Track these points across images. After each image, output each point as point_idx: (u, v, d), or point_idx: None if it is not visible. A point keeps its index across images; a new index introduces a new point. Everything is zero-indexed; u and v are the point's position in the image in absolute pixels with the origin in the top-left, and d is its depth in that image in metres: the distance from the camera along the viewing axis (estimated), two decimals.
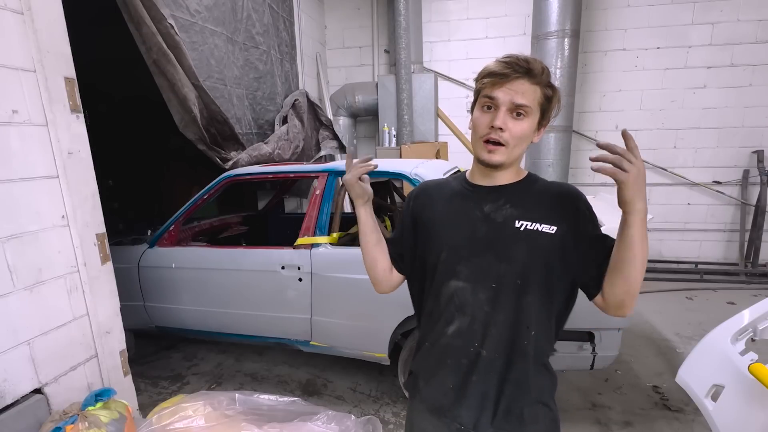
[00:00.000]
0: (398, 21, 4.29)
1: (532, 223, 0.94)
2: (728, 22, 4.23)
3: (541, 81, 0.91)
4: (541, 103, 0.93)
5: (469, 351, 0.98)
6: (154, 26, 2.31)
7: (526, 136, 0.93)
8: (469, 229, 0.99)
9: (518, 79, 0.89)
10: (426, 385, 1.07)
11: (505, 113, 0.90)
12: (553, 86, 0.94)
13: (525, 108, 0.90)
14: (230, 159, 3.00)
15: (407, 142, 4.58)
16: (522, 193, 0.99)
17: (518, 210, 0.96)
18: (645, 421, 2.27)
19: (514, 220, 0.95)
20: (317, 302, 2.32)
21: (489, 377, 0.98)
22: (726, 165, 4.54)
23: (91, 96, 2.63)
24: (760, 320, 1.50)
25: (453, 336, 1.00)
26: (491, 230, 0.97)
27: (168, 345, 3.21)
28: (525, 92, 0.90)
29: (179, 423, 1.69)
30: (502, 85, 0.90)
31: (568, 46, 3.99)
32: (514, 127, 0.91)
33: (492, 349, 0.97)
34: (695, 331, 3.25)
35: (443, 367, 1.02)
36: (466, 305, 0.98)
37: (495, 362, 0.97)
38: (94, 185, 1.79)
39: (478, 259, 0.97)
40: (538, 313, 0.96)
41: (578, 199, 0.98)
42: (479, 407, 0.99)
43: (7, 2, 1.46)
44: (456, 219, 1.02)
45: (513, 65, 0.89)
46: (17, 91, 1.50)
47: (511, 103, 0.90)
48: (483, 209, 0.99)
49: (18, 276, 1.51)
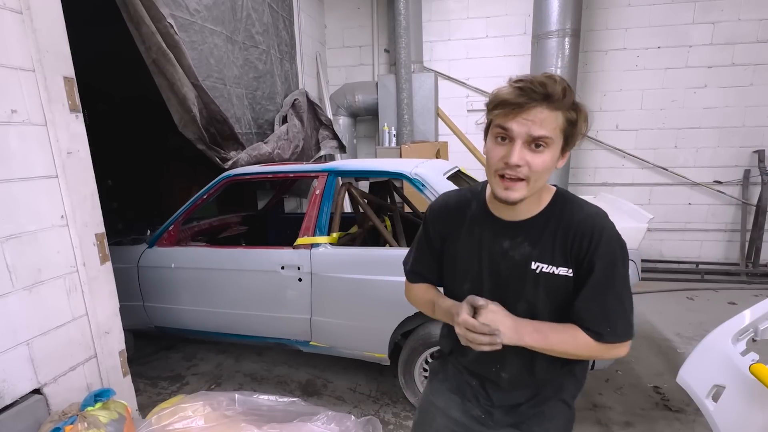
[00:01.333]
0: (398, 20, 4.28)
1: (548, 265, 0.90)
2: (729, 22, 4.22)
3: (563, 105, 0.80)
4: (564, 129, 0.82)
5: (491, 371, 1.03)
6: (154, 26, 2.31)
7: (548, 168, 0.82)
8: (490, 264, 0.96)
9: (535, 108, 0.78)
10: (456, 372, 1.12)
11: (522, 147, 0.80)
12: (577, 107, 0.83)
13: (545, 139, 0.80)
14: (230, 159, 3.00)
15: (407, 141, 4.57)
16: (541, 229, 0.91)
17: (536, 250, 0.91)
18: (646, 421, 2.26)
19: (531, 261, 0.91)
20: (317, 302, 2.31)
21: (511, 393, 1.04)
22: (727, 165, 4.53)
23: (90, 96, 2.63)
24: (761, 320, 1.49)
25: (473, 362, 1.06)
26: (509, 268, 0.94)
27: (167, 345, 3.21)
28: (544, 121, 0.79)
29: (179, 423, 1.69)
30: (516, 116, 0.79)
31: (569, 46, 3.99)
32: (533, 161, 0.81)
33: (515, 373, 1.01)
34: (696, 332, 3.25)
35: (472, 373, 1.09)
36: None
37: (516, 387, 1.03)
38: (94, 185, 1.79)
39: (499, 293, 0.95)
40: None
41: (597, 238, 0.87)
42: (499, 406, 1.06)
43: (6, 2, 1.45)
44: (478, 252, 0.98)
45: (528, 92, 0.78)
46: (16, 91, 1.49)
47: (528, 135, 0.79)
48: (503, 245, 0.94)
49: (17, 276, 1.50)
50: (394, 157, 4.44)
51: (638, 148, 4.66)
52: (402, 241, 2.70)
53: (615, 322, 0.88)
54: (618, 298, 0.88)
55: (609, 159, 4.78)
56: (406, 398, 2.35)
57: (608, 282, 0.87)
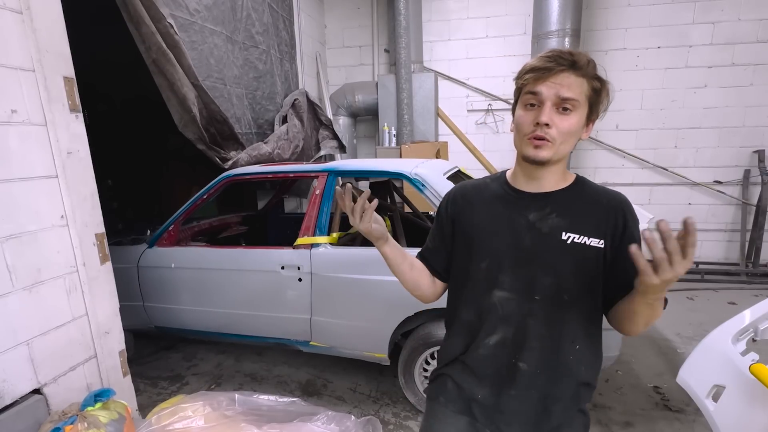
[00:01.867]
0: (398, 20, 4.28)
1: (580, 236, 0.89)
2: (729, 22, 4.22)
3: (588, 73, 0.85)
4: (589, 96, 0.87)
5: (511, 362, 0.95)
6: (154, 26, 2.31)
7: (574, 131, 0.87)
8: (513, 237, 0.93)
9: (563, 72, 0.84)
10: (458, 389, 1.03)
11: (551, 108, 0.84)
12: (601, 78, 0.88)
13: (572, 101, 0.84)
14: (230, 159, 3.00)
15: (407, 141, 4.57)
16: (570, 202, 0.93)
17: (565, 220, 0.91)
18: (646, 421, 2.26)
19: (561, 232, 0.90)
20: (317, 302, 2.31)
21: (528, 394, 0.94)
22: (727, 165, 4.53)
23: (90, 96, 2.63)
24: (761, 320, 1.49)
25: (495, 346, 0.96)
26: (537, 241, 0.91)
27: (167, 345, 3.21)
28: (571, 85, 0.84)
29: (179, 423, 1.69)
30: (546, 80, 0.84)
31: (569, 46, 3.98)
32: (561, 123, 0.85)
33: (533, 363, 0.93)
34: (696, 332, 3.25)
35: (482, 378, 0.99)
36: (511, 316, 0.94)
37: (536, 378, 0.94)
38: (94, 185, 1.78)
39: (523, 270, 0.92)
40: (585, 327, 0.94)
41: (628, 212, 0.92)
42: (512, 423, 0.96)
43: (6, 1, 1.45)
44: (499, 226, 0.96)
45: (556, 59, 0.84)
46: (16, 91, 1.49)
47: (557, 96, 0.84)
48: (528, 217, 0.93)
49: (17, 276, 1.50)
50: (394, 157, 4.44)
51: (638, 148, 4.66)
52: (402, 241, 2.69)
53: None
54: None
55: (609, 159, 4.78)
56: (406, 398, 2.35)
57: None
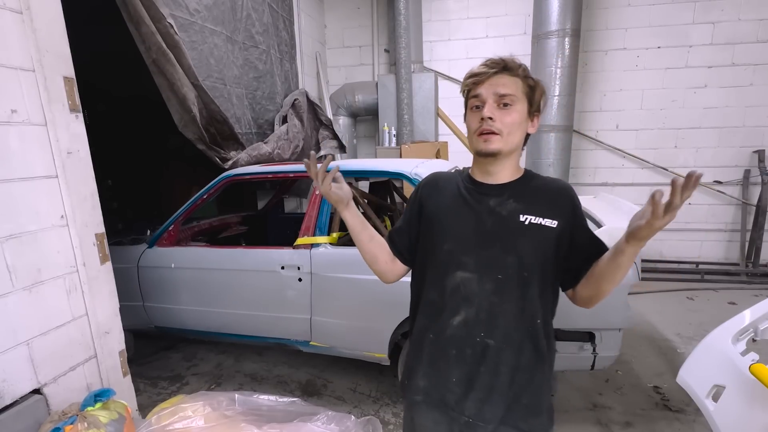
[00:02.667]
0: (398, 20, 4.28)
1: (536, 217, 0.98)
2: (729, 22, 4.22)
3: (520, 73, 0.97)
4: (526, 92, 0.98)
5: (475, 341, 1.00)
6: (154, 26, 2.31)
7: (517, 123, 0.97)
8: (475, 221, 1.01)
9: (497, 74, 0.96)
10: (427, 380, 1.06)
11: (492, 105, 0.96)
12: (534, 79, 0.99)
13: (509, 97, 0.95)
14: (230, 159, 3.00)
15: (407, 141, 4.57)
16: (524, 189, 1.02)
17: (521, 204, 1.00)
18: (646, 421, 2.26)
19: (519, 214, 0.99)
20: (317, 302, 2.31)
21: (498, 369, 1.00)
22: (727, 165, 4.53)
23: (90, 95, 2.63)
24: (761, 320, 1.49)
25: (458, 327, 1.02)
26: (497, 223, 1.00)
27: (167, 345, 3.21)
28: (506, 83, 0.96)
29: (179, 423, 1.69)
30: (484, 82, 0.97)
31: (569, 46, 3.99)
32: (504, 117, 0.96)
33: (500, 339, 1.00)
34: (696, 332, 3.25)
35: (447, 360, 1.03)
36: (473, 295, 1.00)
37: (503, 353, 1.00)
38: (94, 185, 1.78)
39: (485, 252, 1.00)
40: (542, 303, 1.01)
41: (574, 196, 1.03)
42: (486, 399, 1.01)
43: (6, 1, 1.45)
44: (462, 211, 1.04)
45: (490, 64, 0.97)
46: (16, 91, 1.49)
47: (495, 94, 0.95)
48: (488, 203, 1.02)
49: (17, 276, 1.50)
50: (394, 157, 4.44)
51: (638, 148, 4.67)
52: None
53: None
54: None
55: (609, 159, 4.78)
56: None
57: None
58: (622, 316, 1.93)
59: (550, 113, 4.12)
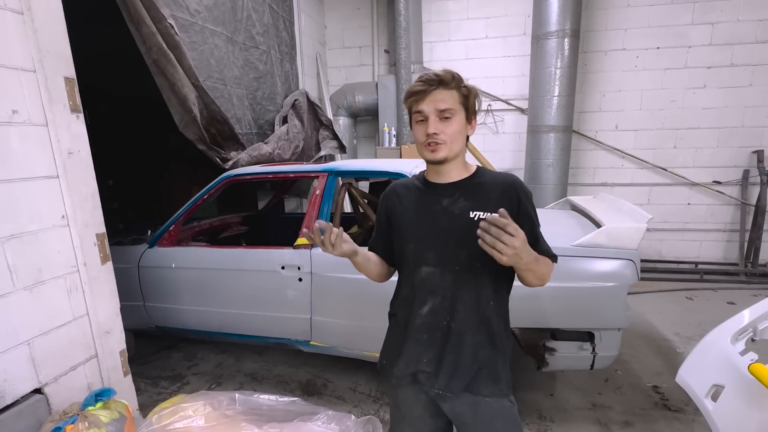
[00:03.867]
0: (398, 21, 4.29)
1: (484, 212, 1.08)
2: (728, 22, 4.23)
3: (454, 85, 1.07)
4: (461, 101, 1.08)
5: (442, 325, 1.15)
6: (154, 26, 2.31)
7: (458, 131, 1.09)
8: (432, 221, 1.15)
9: (435, 90, 1.06)
10: (404, 363, 1.20)
11: (435, 120, 1.07)
12: (467, 86, 1.09)
13: (449, 111, 1.06)
14: (230, 159, 3.00)
15: (407, 142, 4.57)
16: (473, 187, 1.14)
17: (471, 202, 1.11)
18: (645, 421, 2.27)
19: (469, 211, 1.10)
20: (317, 302, 2.32)
21: (461, 348, 1.15)
22: (726, 165, 4.54)
23: (91, 96, 2.64)
24: (760, 320, 1.49)
25: (427, 315, 1.16)
26: (450, 221, 1.12)
27: (168, 345, 3.21)
28: (444, 98, 1.06)
29: (179, 423, 1.70)
30: (424, 99, 1.07)
31: (568, 46, 3.99)
32: (446, 129, 1.07)
33: (460, 321, 1.14)
34: (695, 331, 3.26)
35: (419, 344, 1.18)
36: (437, 287, 1.15)
37: (465, 334, 1.14)
38: (94, 185, 1.79)
39: (443, 247, 1.13)
40: (495, 288, 1.14)
41: (520, 190, 1.12)
42: (453, 375, 1.15)
43: (6, 2, 1.45)
44: (421, 214, 1.17)
45: (427, 81, 1.06)
46: (17, 91, 1.50)
47: (436, 110, 1.06)
48: (442, 204, 1.14)
49: (18, 276, 1.51)
50: (394, 157, 4.45)
51: (637, 149, 4.67)
52: None
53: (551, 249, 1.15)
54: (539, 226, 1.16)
55: (608, 159, 4.78)
56: None
57: (537, 222, 1.14)
58: (621, 315, 1.94)
59: (550, 113, 4.13)
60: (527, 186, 1.17)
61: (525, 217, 1.10)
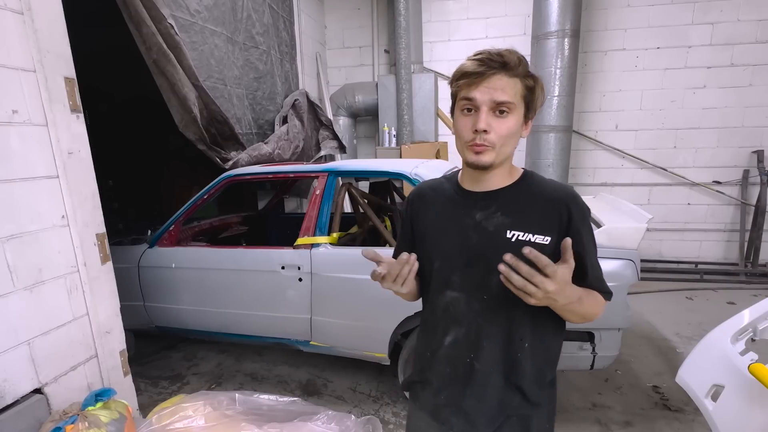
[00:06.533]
0: (398, 21, 4.29)
1: (524, 233, 0.89)
2: (728, 22, 4.23)
3: (519, 72, 0.85)
4: (524, 95, 0.87)
5: (465, 361, 0.96)
6: (154, 26, 2.31)
7: (513, 133, 0.87)
8: (461, 237, 0.94)
9: (495, 75, 0.83)
10: (424, 392, 1.06)
11: (488, 113, 0.84)
12: (533, 75, 0.87)
13: (507, 104, 0.84)
14: (230, 159, 3.00)
15: (407, 142, 4.58)
16: (515, 199, 0.93)
17: (510, 218, 0.90)
18: (645, 421, 2.27)
19: (506, 230, 0.90)
20: (317, 302, 2.32)
21: (485, 392, 0.95)
22: (726, 165, 4.54)
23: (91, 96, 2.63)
24: (760, 320, 1.50)
25: (449, 346, 0.98)
26: (482, 240, 0.92)
27: (168, 345, 3.21)
28: (505, 87, 0.84)
29: (179, 423, 1.70)
30: (479, 84, 0.84)
31: (568, 46, 3.99)
32: (499, 127, 0.85)
33: (485, 362, 0.94)
34: (695, 331, 3.26)
35: (441, 377, 1.01)
36: (462, 316, 0.95)
37: (490, 377, 0.95)
38: (94, 185, 1.79)
39: (470, 270, 0.93)
40: (533, 326, 0.93)
41: (572, 206, 0.91)
42: (474, 422, 0.97)
43: (7, 2, 1.46)
44: (448, 227, 0.97)
45: (487, 62, 0.83)
46: (17, 91, 1.50)
47: (492, 101, 0.84)
48: (474, 217, 0.93)
49: (18, 276, 1.51)
50: (394, 157, 4.44)
51: (637, 149, 4.67)
52: None
53: (605, 281, 0.96)
54: (598, 262, 0.95)
55: (608, 159, 4.78)
56: (406, 398, 2.36)
57: (593, 248, 0.93)
58: (621, 315, 1.94)
59: (550, 113, 4.12)
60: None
61: (582, 246, 0.89)
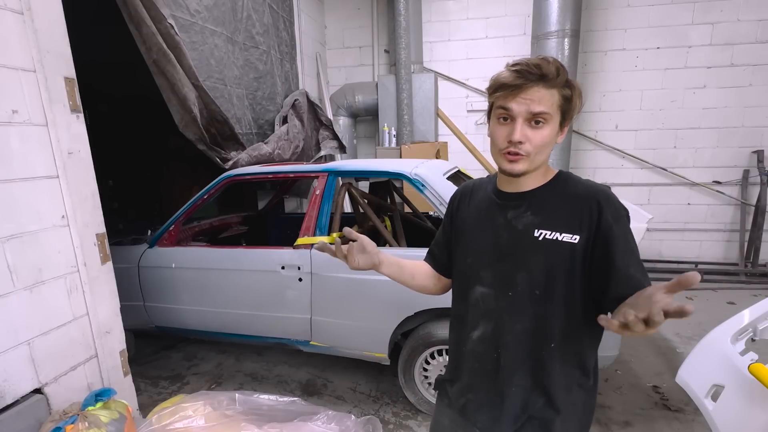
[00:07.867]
0: (398, 21, 4.29)
1: (552, 232, 0.89)
2: (728, 22, 4.23)
3: (557, 83, 0.85)
4: (561, 105, 0.87)
5: (492, 357, 0.98)
6: (154, 26, 2.31)
7: (548, 142, 0.88)
8: (492, 235, 0.97)
9: (532, 87, 0.84)
10: (452, 388, 1.09)
11: (523, 124, 0.86)
12: (571, 84, 0.88)
13: (543, 115, 0.85)
14: (230, 159, 3.00)
15: (407, 142, 4.58)
16: (546, 199, 0.93)
17: (539, 217, 0.92)
18: (645, 421, 2.27)
19: (534, 229, 0.91)
20: (317, 302, 2.32)
21: (509, 389, 0.97)
22: (726, 165, 4.54)
23: (91, 96, 2.64)
24: (760, 320, 1.50)
25: (477, 342, 1.00)
26: (511, 238, 0.94)
27: (168, 345, 3.21)
28: (541, 99, 0.84)
29: (179, 423, 1.70)
30: (516, 96, 0.85)
31: (568, 46, 3.99)
32: (534, 137, 0.86)
33: (509, 358, 0.96)
34: (695, 331, 3.26)
35: (470, 372, 1.03)
36: (491, 311, 0.97)
37: (513, 374, 0.96)
38: (94, 185, 1.79)
39: (500, 267, 0.96)
40: (562, 326, 0.92)
41: (605, 205, 0.88)
42: (498, 418, 0.99)
43: (7, 2, 1.46)
44: (482, 225, 1.00)
45: (525, 74, 0.83)
46: (17, 91, 1.50)
47: (528, 113, 0.85)
48: (506, 216, 0.96)
49: (18, 276, 1.51)
50: (394, 157, 4.45)
51: (637, 149, 4.67)
52: (402, 241, 2.70)
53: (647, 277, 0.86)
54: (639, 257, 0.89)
55: (608, 159, 4.78)
56: (406, 398, 2.36)
57: (629, 248, 0.87)
58: None
59: None
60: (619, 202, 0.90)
61: (612, 242, 0.85)
